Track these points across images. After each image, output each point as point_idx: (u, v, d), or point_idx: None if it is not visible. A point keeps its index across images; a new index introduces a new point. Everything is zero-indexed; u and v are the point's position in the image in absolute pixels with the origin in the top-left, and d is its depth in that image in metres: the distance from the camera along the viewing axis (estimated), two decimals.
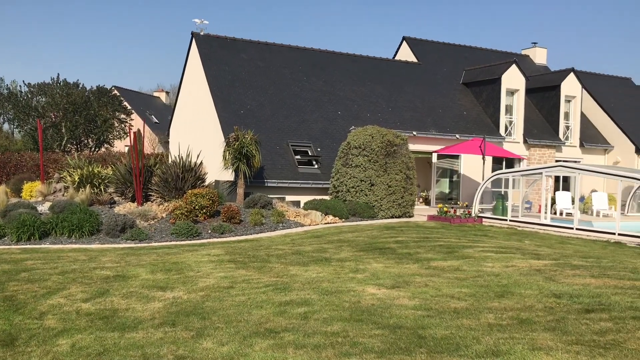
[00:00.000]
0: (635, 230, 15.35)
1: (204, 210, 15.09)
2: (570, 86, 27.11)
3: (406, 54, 28.81)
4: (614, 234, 15.60)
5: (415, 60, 28.16)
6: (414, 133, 22.61)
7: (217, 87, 21.52)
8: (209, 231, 14.23)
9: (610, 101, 29.93)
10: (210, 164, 19.50)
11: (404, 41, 29.24)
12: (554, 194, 23.51)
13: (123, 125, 34.42)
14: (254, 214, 15.43)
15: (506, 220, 18.81)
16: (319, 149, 20.93)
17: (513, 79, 25.46)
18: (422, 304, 7.12)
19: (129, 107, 37.60)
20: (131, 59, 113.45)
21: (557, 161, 25.96)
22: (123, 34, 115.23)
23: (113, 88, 41.28)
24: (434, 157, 23.37)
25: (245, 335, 6.04)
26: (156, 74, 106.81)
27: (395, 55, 29.61)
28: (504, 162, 24.95)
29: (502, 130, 25.10)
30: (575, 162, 25.67)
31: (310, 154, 20.69)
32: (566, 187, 25.96)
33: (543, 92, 27.54)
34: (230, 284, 8.41)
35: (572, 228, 16.78)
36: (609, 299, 7.20)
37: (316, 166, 20.41)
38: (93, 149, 33.28)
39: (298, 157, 20.32)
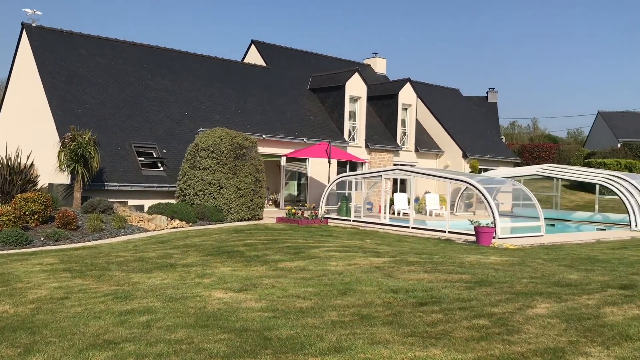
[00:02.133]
0: (462, 228, 16.80)
1: (36, 216, 13.91)
2: (406, 95, 29.04)
3: (255, 58, 28.96)
4: (444, 231, 16.96)
5: (264, 64, 28.39)
6: (264, 136, 22.78)
7: (52, 83, 19.93)
8: (42, 238, 13.13)
9: (441, 110, 32.55)
10: (43, 166, 18.01)
11: (253, 45, 29.37)
12: (393, 195, 25.04)
13: None
14: (92, 220, 14.52)
15: (350, 220, 19.65)
16: (164, 151, 20.25)
17: (356, 87, 26.69)
18: (269, 305, 7.17)
19: None
20: None
21: (395, 165, 27.66)
22: None
23: None
24: (283, 160, 23.74)
25: (80, 349, 5.64)
26: None
27: (244, 58, 29.63)
28: (348, 165, 26.05)
29: (346, 135, 26.18)
30: (411, 165, 27.58)
31: (155, 155, 19.94)
32: (403, 189, 27.75)
33: (383, 100, 29.20)
34: (65, 295, 7.82)
35: (409, 227, 17.96)
36: (439, 292, 7.80)
37: (162, 168, 19.73)
38: None
39: (142, 159, 19.48)
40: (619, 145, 43.66)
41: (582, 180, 24.46)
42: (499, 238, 15.74)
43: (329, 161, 21.68)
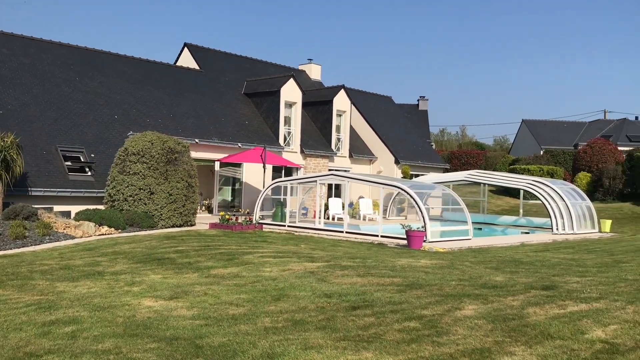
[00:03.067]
0: (394, 232, 17.13)
1: None
2: (341, 102, 29.38)
3: (188, 61, 28.52)
4: (377, 236, 17.24)
5: (197, 67, 28.00)
6: (197, 140, 22.44)
7: None
8: None
9: (374, 117, 33.13)
10: None
11: (186, 47, 28.92)
12: (328, 200, 25.23)
13: None
14: (14, 227, 13.84)
15: (285, 226, 19.63)
16: (92, 155, 19.58)
17: (291, 92, 26.75)
18: (201, 313, 7.05)
19: None
20: None
21: (330, 170, 27.88)
22: None
23: None
24: (217, 165, 23.45)
25: None
26: None
27: (176, 61, 29.12)
28: (283, 171, 26.04)
29: (281, 140, 26.17)
30: (346, 171, 27.88)
31: (82, 160, 19.24)
32: (338, 194, 28.02)
33: (318, 106, 29.41)
34: None
35: (343, 232, 18.14)
36: (372, 295, 7.91)
37: (90, 173, 19.06)
38: None
39: (69, 163, 18.75)
40: (541, 152, 45.78)
41: (508, 185, 25.49)
42: (430, 242, 16.14)
43: (263, 166, 21.60)
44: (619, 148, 40.66)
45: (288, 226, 19.56)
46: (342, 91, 29.40)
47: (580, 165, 39.13)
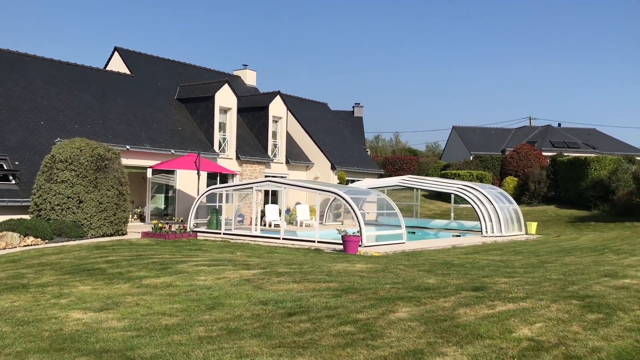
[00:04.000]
0: (331, 238, 17.25)
1: None
2: (277, 108, 29.36)
3: (118, 65, 27.75)
4: (314, 241, 17.30)
5: (128, 72, 27.29)
6: (128, 147, 21.84)
7: None
8: None
9: (311, 123, 33.30)
10: None
11: (116, 52, 28.14)
12: (264, 207, 25.12)
13: None
14: None
15: (220, 233, 19.38)
16: (17, 163, 18.70)
17: (226, 98, 26.49)
18: (132, 324, 6.85)
19: None
20: None
21: (266, 176, 27.80)
22: None
23: None
24: (149, 172, 22.90)
25: None
26: None
27: (106, 65, 28.28)
28: (218, 177, 25.73)
29: (216, 147, 25.86)
30: (282, 177, 27.86)
31: (6, 167, 18.33)
32: (275, 201, 27.96)
33: (253, 111, 29.28)
34: None
35: (280, 238, 18.09)
36: (308, 301, 7.92)
37: (13, 182, 18.19)
38: None
39: None
40: (471, 157, 47.31)
41: (439, 190, 26.19)
42: (365, 246, 16.35)
43: (198, 173, 21.27)
44: (544, 153, 42.58)
45: (224, 234, 19.33)
46: (278, 97, 29.39)
47: (508, 170, 40.69)
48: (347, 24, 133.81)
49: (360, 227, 16.81)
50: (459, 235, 23.05)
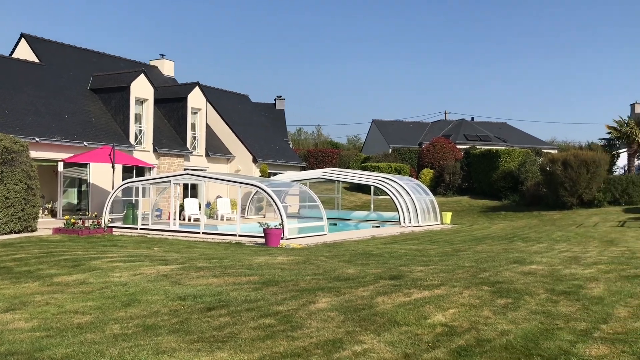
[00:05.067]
0: (253, 231, 17.15)
1: None
2: (196, 99, 28.77)
3: (25, 53, 26.23)
4: (235, 235, 17.13)
5: (36, 60, 25.86)
6: (37, 139, 20.72)
7: None
8: None
9: (231, 115, 32.89)
10: None
11: (23, 38, 26.58)
12: (183, 201, 24.60)
13: None
14: None
15: (137, 228, 18.83)
16: None
17: (142, 88, 25.67)
18: (42, 324, 6.53)
19: None
20: None
21: (185, 169, 27.19)
22: None
23: None
24: (61, 165, 21.83)
25: None
26: None
27: (12, 53, 26.66)
28: (134, 171, 24.91)
29: (132, 139, 25.03)
30: (202, 170, 27.37)
31: None
32: (195, 194, 27.42)
33: (171, 103, 28.54)
34: None
35: (199, 232, 17.80)
36: (228, 295, 7.84)
37: None
38: None
39: None
40: (390, 150, 48.41)
41: (360, 182, 26.65)
42: (287, 239, 16.38)
43: (112, 166, 20.52)
44: (458, 146, 44.24)
45: (140, 229, 18.78)
46: (197, 88, 28.81)
47: (424, 162, 41.97)
48: (269, 17, 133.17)
49: (282, 219, 16.82)
50: (379, 226, 23.55)
